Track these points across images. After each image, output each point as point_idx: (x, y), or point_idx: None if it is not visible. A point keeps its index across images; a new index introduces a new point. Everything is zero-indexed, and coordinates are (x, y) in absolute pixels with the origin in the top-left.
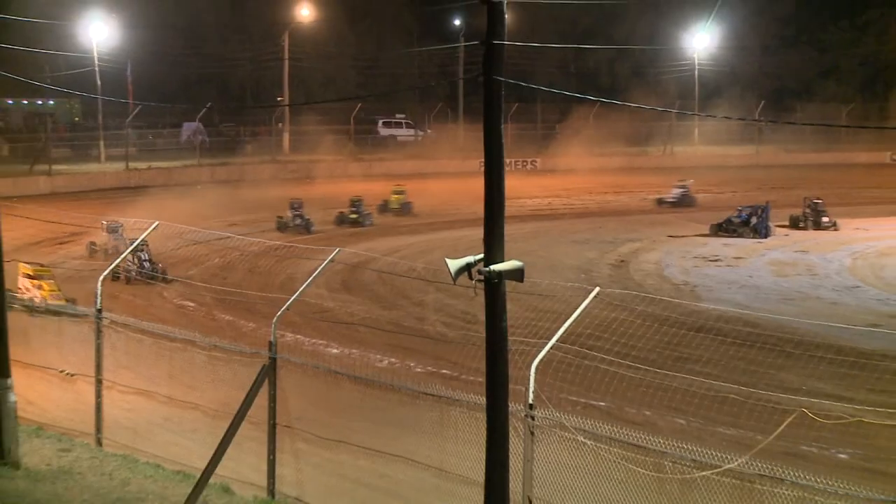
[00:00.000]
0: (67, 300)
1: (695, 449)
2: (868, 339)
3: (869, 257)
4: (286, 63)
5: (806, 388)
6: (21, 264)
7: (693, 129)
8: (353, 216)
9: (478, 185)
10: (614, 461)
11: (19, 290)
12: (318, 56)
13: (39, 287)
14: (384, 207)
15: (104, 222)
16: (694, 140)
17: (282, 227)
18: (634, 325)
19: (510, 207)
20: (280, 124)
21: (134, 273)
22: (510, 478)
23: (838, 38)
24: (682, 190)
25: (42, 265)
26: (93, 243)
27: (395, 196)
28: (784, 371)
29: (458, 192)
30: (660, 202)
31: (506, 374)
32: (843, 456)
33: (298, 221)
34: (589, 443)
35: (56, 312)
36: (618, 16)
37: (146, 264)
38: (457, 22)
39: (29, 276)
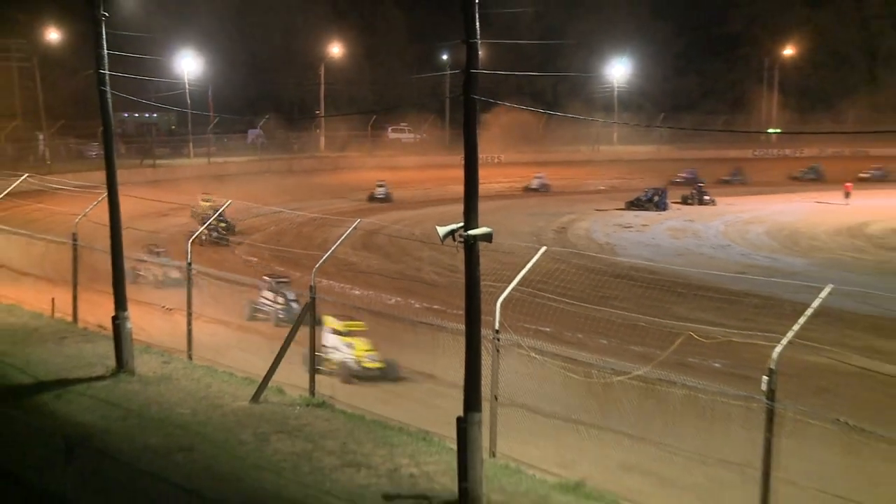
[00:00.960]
0: (386, 361)
1: (613, 361)
2: (736, 283)
3: (737, 225)
4: (322, 86)
5: (692, 317)
6: (327, 318)
7: (613, 133)
8: (223, 224)
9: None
10: (556, 370)
11: (324, 348)
12: (344, 81)
13: (350, 346)
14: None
15: (149, 249)
16: (614, 141)
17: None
18: (571, 274)
19: (480, 190)
20: (317, 130)
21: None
22: (482, 382)
23: (717, 68)
24: (383, 189)
25: (352, 318)
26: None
27: (204, 203)
28: (677, 305)
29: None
30: (370, 199)
31: (479, 308)
32: (717, 365)
33: (215, 235)
34: (538, 357)
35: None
36: (560, 52)
37: (291, 304)
38: (444, 57)
39: (338, 333)
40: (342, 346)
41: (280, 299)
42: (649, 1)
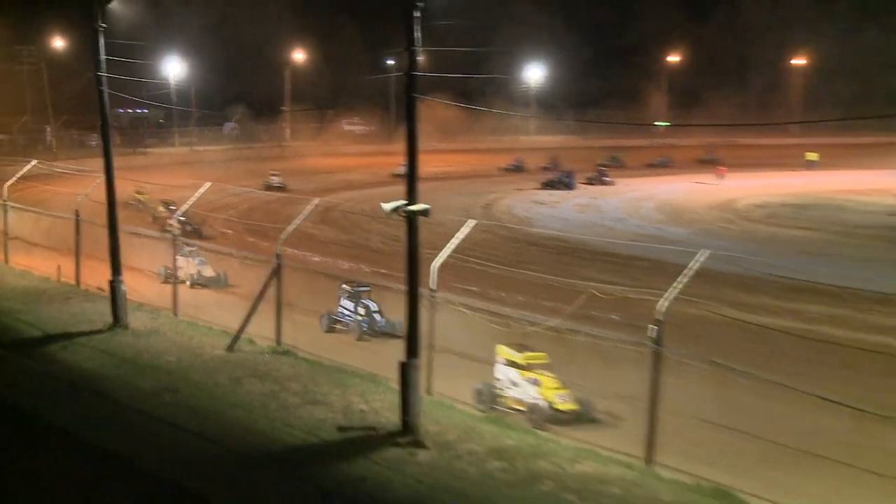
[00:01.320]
0: (579, 403)
1: (529, 314)
2: (630, 249)
3: (632, 201)
4: (287, 85)
5: (595, 277)
6: (500, 347)
7: (529, 125)
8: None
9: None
10: (482, 322)
11: (497, 382)
12: (307, 82)
13: (536, 383)
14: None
15: (183, 248)
16: (531, 132)
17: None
18: (495, 242)
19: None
20: (283, 123)
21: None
22: (420, 332)
23: (617, 72)
24: (278, 178)
25: (528, 347)
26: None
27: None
28: (582, 268)
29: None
30: (268, 187)
31: (418, 271)
32: (615, 317)
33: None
34: (467, 311)
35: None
36: (489, 57)
37: (375, 315)
38: (391, 62)
39: (514, 365)
40: (523, 382)
41: (361, 310)
42: (563, 15)
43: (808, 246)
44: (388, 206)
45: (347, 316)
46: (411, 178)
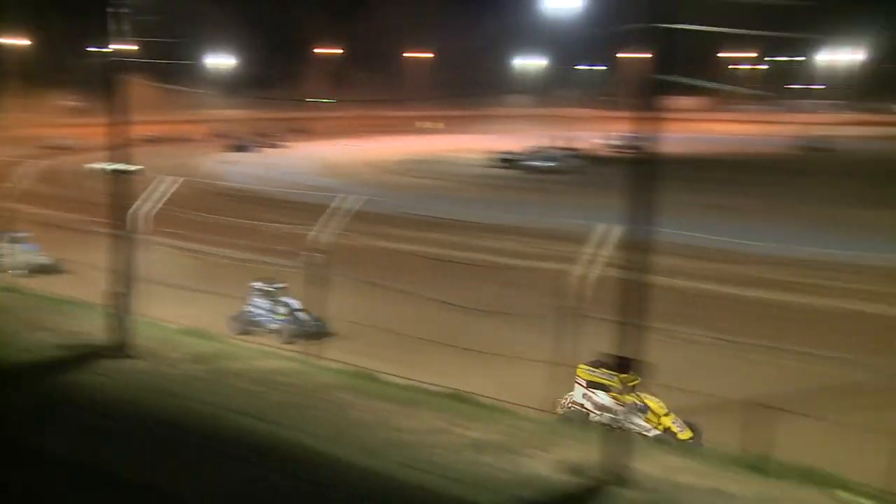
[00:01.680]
0: (692, 429)
1: (223, 250)
2: (302, 198)
3: (299, 160)
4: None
5: (272, 219)
6: (581, 368)
7: (221, 102)
8: None
9: None
10: (185, 258)
11: (572, 405)
12: (29, 62)
13: (643, 409)
14: None
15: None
16: (221, 107)
17: None
18: (196, 195)
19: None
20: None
21: None
22: (132, 267)
23: (288, 59)
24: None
25: (604, 366)
26: None
27: None
28: (263, 213)
29: None
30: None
31: (125, 218)
32: (288, 248)
33: None
34: (177, 250)
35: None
36: (185, 47)
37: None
38: (105, 49)
39: (604, 388)
40: (620, 408)
41: (282, 309)
42: (247, 16)
43: (432, 191)
44: (99, 167)
45: (264, 317)
46: (118, 145)
